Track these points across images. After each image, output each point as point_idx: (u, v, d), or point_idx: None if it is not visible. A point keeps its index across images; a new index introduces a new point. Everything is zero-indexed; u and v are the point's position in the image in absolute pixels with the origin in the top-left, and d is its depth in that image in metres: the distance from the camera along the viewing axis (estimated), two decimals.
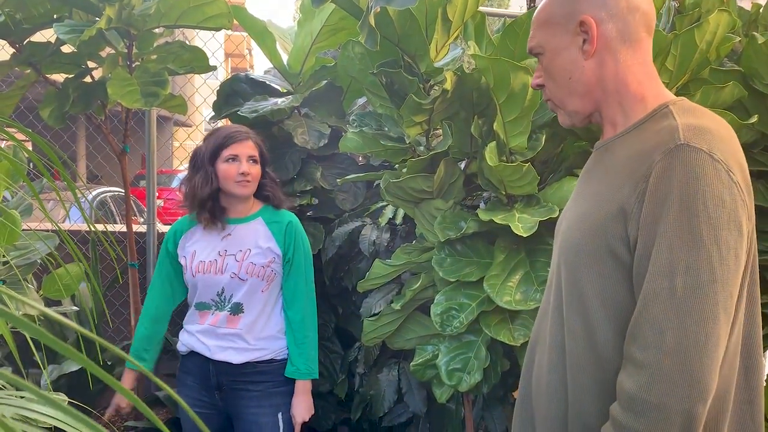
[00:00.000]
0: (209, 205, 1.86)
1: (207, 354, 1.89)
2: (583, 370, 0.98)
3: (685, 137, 0.89)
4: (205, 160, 1.86)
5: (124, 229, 2.80)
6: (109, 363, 2.80)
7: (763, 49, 1.51)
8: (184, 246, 1.94)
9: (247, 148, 1.87)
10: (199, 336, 1.91)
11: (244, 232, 1.90)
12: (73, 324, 0.45)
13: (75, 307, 2.54)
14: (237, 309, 1.88)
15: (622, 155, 0.98)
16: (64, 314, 2.52)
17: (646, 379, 0.85)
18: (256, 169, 1.89)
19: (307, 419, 1.90)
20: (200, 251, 1.91)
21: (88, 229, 3.08)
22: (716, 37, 1.54)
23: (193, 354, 1.93)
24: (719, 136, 0.91)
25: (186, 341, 1.95)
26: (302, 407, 1.89)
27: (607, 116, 1.05)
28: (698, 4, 1.74)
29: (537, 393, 1.11)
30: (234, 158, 1.85)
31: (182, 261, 1.93)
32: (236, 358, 1.87)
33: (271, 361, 1.90)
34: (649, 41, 1.04)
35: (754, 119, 1.52)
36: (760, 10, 1.79)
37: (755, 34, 1.57)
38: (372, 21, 1.25)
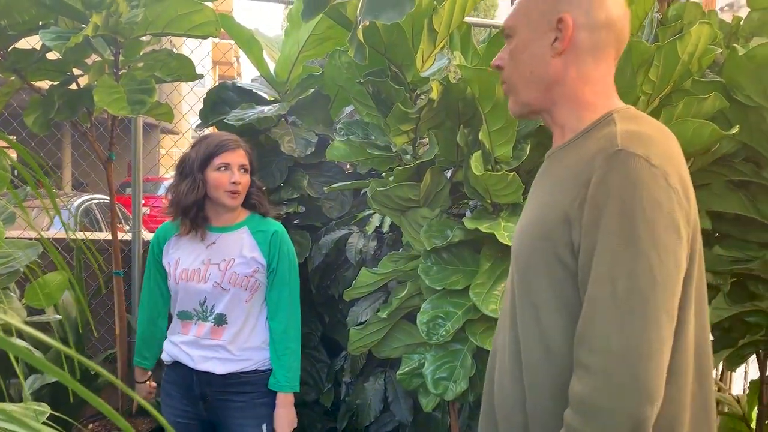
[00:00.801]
0: (192, 213, 1.84)
1: (191, 364, 1.87)
2: (539, 375, 0.99)
3: (622, 143, 0.91)
4: (194, 167, 1.84)
5: (109, 237, 2.78)
6: (92, 372, 2.77)
7: (743, 60, 1.54)
8: (168, 252, 1.94)
9: (239, 156, 1.86)
10: (183, 346, 1.89)
11: (228, 242, 1.89)
12: (48, 339, 0.45)
13: (57, 316, 2.52)
14: (221, 320, 1.86)
15: (569, 162, 1.00)
16: (47, 323, 2.49)
17: (594, 383, 0.87)
18: (246, 179, 1.88)
19: None
20: (184, 258, 1.89)
21: (75, 237, 3.05)
22: (698, 49, 1.57)
23: (177, 364, 1.92)
24: (657, 142, 0.93)
25: (170, 351, 1.93)
26: (283, 421, 1.87)
27: (558, 120, 1.07)
28: (680, 16, 1.76)
29: (499, 400, 1.12)
30: (226, 167, 1.83)
31: (166, 267, 1.93)
32: (220, 369, 1.85)
33: (255, 371, 1.88)
34: (614, 61, 1.06)
35: (735, 130, 1.54)
36: (741, 23, 1.82)
37: (736, 46, 1.59)
38: (361, 35, 1.26)
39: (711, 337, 1.87)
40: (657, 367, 0.85)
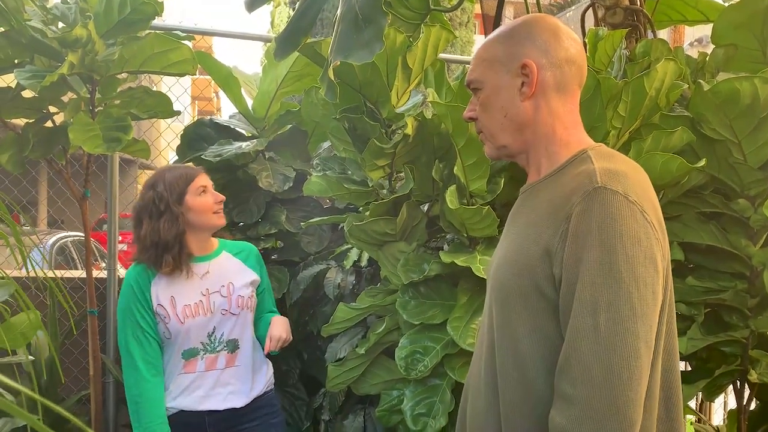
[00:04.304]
0: (175, 250, 1.77)
1: (202, 407, 1.78)
2: (517, 408, 1.00)
3: (602, 180, 0.94)
4: (168, 202, 1.78)
5: (84, 275, 2.74)
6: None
7: (708, 95, 1.58)
8: (157, 294, 1.79)
9: (207, 178, 1.90)
10: (187, 391, 1.79)
11: (221, 267, 1.88)
12: (16, 384, 0.44)
13: (30, 357, 2.46)
14: (233, 346, 1.84)
15: (545, 198, 1.02)
16: (18, 364, 2.43)
17: (576, 413, 0.88)
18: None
19: (284, 336, 1.87)
20: (180, 295, 1.79)
21: (47, 275, 3.00)
22: (664, 85, 1.61)
23: (177, 414, 1.79)
24: (633, 180, 0.97)
25: (169, 403, 1.79)
26: (280, 327, 1.89)
27: (534, 160, 1.10)
28: (648, 52, 1.81)
29: None
30: (204, 189, 1.84)
31: (160, 310, 1.78)
32: (241, 401, 1.83)
33: (266, 392, 1.91)
34: (578, 95, 1.10)
35: (702, 163, 1.57)
36: (707, 59, 1.87)
37: (701, 81, 1.64)
38: (332, 74, 1.28)
39: (689, 368, 1.88)
40: (636, 396, 0.87)
